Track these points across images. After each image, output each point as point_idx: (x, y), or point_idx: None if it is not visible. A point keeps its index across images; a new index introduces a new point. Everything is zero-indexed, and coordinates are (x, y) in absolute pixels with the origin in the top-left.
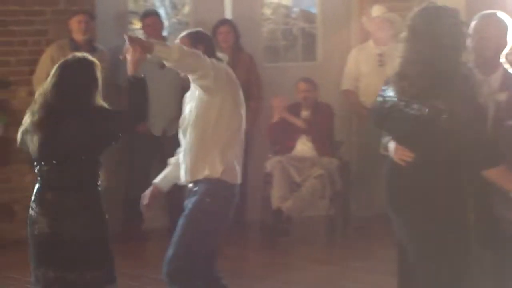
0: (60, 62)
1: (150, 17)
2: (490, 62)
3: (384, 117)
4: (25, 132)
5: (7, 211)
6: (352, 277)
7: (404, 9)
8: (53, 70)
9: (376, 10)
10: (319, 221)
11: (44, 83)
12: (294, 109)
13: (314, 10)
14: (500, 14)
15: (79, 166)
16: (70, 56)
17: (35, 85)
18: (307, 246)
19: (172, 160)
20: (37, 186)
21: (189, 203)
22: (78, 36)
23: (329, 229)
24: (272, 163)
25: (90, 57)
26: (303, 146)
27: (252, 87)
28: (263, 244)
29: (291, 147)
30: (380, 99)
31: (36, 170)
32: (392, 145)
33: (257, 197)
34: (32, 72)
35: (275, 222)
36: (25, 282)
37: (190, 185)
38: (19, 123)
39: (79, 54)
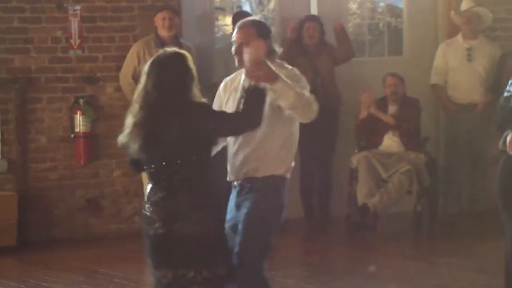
0: (153, 58)
1: (240, 15)
2: None
3: (510, 111)
4: (128, 134)
5: (95, 206)
6: (438, 273)
7: (493, 3)
8: (148, 68)
9: (465, 4)
10: (406, 217)
11: (130, 79)
12: (381, 104)
13: (401, 4)
14: None
15: (187, 166)
16: (161, 51)
17: (121, 81)
18: (394, 242)
19: None
20: (149, 186)
21: (245, 200)
22: (163, 33)
23: (416, 225)
24: (358, 159)
25: (181, 51)
26: (390, 142)
27: (331, 84)
28: (349, 240)
29: (378, 143)
30: (506, 94)
31: (146, 171)
32: (509, 137)
33: (343, 192)
34: (119, 68)
35: (361, 218)
36: (112, 276)
37: (239, 182)
38: (106, 118)
39: (169, 49)
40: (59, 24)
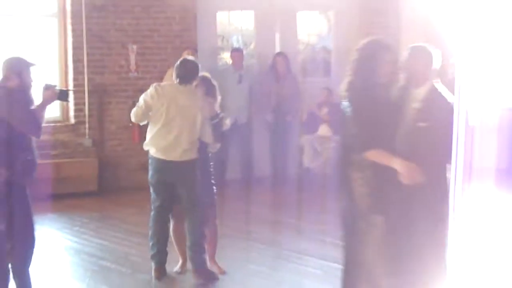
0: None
1: (236, 52)
2: (419, 80)
3: None
4: None
5: (146, 167)
6: None
7: None
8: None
9: None
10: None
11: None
12: (320, 106)
13: (330, 46)
14: (426, 46)
15: None
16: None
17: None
18: None
19: None
20: None
21: None
22: None
23: None
24: (304, 139)
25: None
26: (324, 129)
27: (291, 89)
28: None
29: (316, 130)
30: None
31: None
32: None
33: (295, 159)
34: None
35: (304, 176)
36: None
37: None
38: None
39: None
40: (123, 57)
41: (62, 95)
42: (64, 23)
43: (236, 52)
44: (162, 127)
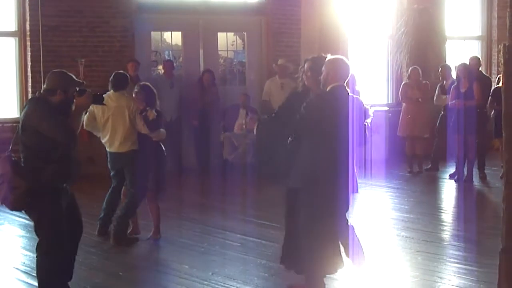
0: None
1: (167, 62)
2: (320, 83)
3: None
4: None
5: (91, 161)
6: None
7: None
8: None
9: (280, 61)
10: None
11: None
12: (238, 107)
13: (244, 59)
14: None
15: None
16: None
17: None
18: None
19: None
20: None
21: None
22: (131, 73)
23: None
24: (223, 136)
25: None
26: (239, 127)
27: (214, 99)
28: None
29: (232, 128)
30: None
31: None
32: None
33: (220, 153)
34: None
35: (224, 167)
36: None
37: None
38: None
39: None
40: (73, 68)
41: (97, 99)
42: (24, 41)
43: (167, 62)
44: (102, 127)
